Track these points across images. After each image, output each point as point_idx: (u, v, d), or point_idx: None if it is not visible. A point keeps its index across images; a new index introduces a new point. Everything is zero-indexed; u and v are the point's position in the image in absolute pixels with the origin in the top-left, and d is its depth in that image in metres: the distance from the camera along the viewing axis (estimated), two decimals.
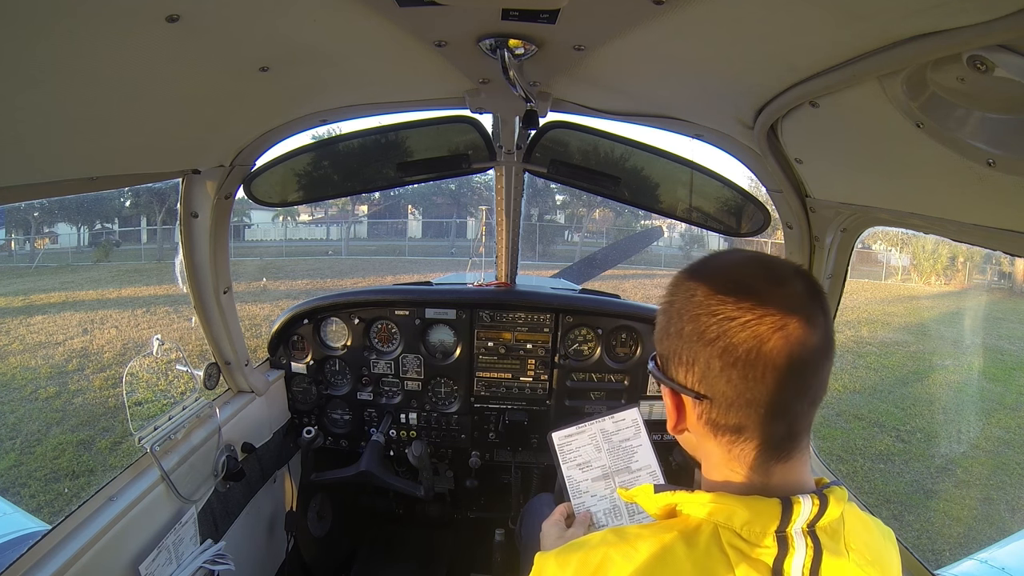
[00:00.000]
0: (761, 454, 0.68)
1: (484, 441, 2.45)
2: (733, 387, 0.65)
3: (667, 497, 0.73)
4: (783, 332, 0.63)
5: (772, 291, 0.66)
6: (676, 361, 0.70)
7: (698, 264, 0.74)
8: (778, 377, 0.64)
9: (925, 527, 5.16)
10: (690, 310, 0.68)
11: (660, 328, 0.74)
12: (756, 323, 0.63)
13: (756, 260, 0.72)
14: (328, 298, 2.38)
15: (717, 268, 0.71)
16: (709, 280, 0.69)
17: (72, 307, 12.36)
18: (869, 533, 0.74)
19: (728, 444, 0.69)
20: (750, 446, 0.68)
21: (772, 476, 0.69)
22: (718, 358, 0.65)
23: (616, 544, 0.69)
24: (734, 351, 0.64)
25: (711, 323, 0.66)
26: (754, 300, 0.64)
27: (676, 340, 0.70)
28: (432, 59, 1.21)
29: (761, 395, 0.65)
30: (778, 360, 0.63)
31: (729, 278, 0.68)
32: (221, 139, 1.54)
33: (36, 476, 5.65)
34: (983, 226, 0.98)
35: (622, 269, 15.35)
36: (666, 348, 0.72)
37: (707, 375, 0.67)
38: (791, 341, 0.63)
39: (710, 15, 0.86)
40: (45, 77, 0.83)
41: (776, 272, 0.68)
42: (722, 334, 0.65)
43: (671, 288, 0.73)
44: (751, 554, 0.65)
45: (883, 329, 12.21)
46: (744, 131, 1.43)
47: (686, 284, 0.71)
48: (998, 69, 0.65)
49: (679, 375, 0.71)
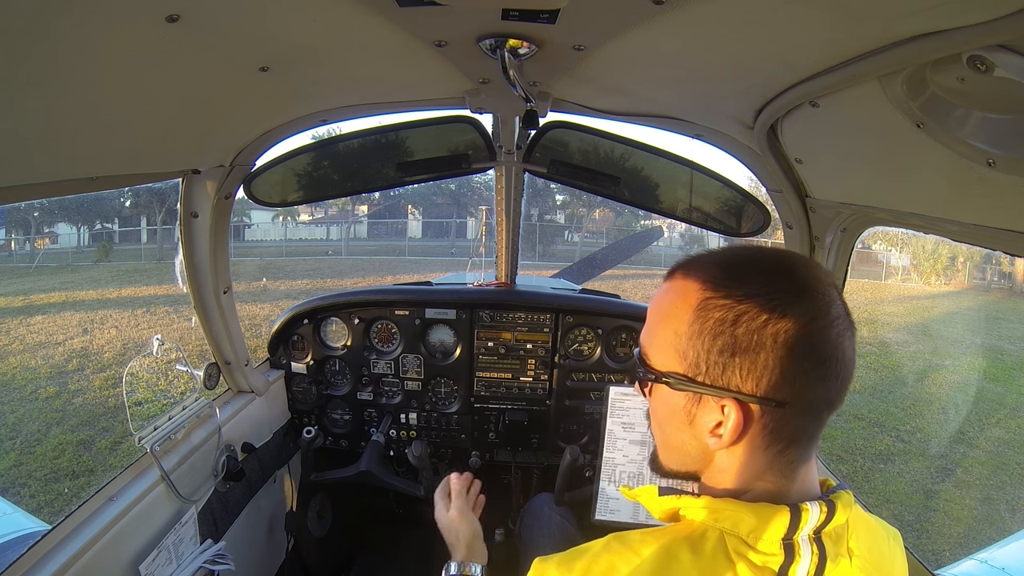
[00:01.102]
0: (799, 457, 0.67)
1: (484, 441, 2.45)
2: (812, 390, 0.63)
3: (671, 501, 0.72)
4: (847, 331, 0.64)
5: (832, 293, 0.65)
6: (741, 367, 0.63)
7: (738, 257, 0.68)
8: (845, 377, 0.64)
9: (925, 527, 5.16)
10: (768, 308, 0.62)
11: (703, 327, 0.64)
12: (836, 323, 0.63)
13: (806, 261, 0.69)
14: (328, 298, 2.38)
15: (770, 262, 0.66)
16: (774, 276, 0.64)
17: (72, 307, 12.36)
18: (873, 536, 0.74)
19: (778, 453, 0.66)
20: (795, 451, 0.67)
21: (796, 480, 0.68)
22: (805, 361, 0.62)
23: (620, 551, 0.68)
24: (817, 352, 0.62)
25: (796, 324, 0.61)
26: (825, 300, 0.64)
27: (745, 341, 0.62)
28: (432, 59, 1.21)
29: (829, 397, 0.64)
30: (847, 359, 0.64)
31: (792, 274, 0.65)
32: (221, 139, 1.54)
33: (36, 476, 5.65)
34: (983, 226, 0.98)
35: (622, 269, 15.35)
36: (718, 351, 0.64)
37: (788, 380, 0.62)
38: (852, 341, 0.65)
39: (710, 15, 0.86)
40: (45, 77, 0.83)
41: (824, 273, 0.68)
42: (810, 334, 0.62)
43: (716, 281, 0.65)
44: (757, 561, 0.64)
45: (883, 329, 12.20)
46: (744, 131, 1.43)
47: (743, 277, 0.64)
48: (998, 69, 0.65)
49: (746, 383, 0.63)
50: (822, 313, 0.63)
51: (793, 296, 0.63)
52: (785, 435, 0.65)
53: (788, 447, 0.66)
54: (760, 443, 0.66)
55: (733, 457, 0.68)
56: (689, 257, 0.72)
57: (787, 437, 0.65)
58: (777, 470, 0.68)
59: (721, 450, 0.68)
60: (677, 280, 0.69)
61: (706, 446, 0.68)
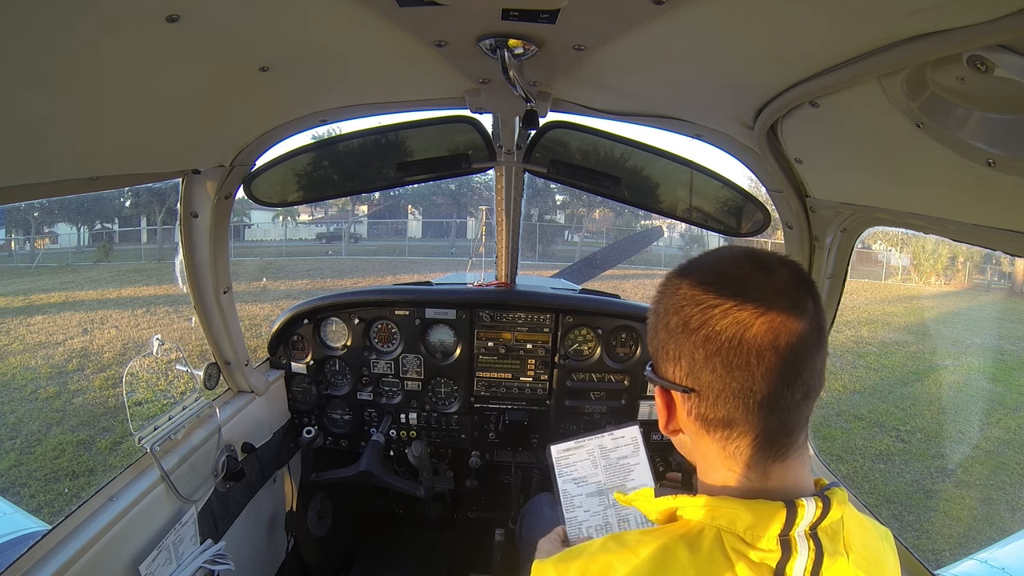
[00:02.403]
0: (757, 451, 0.67)
1: (484, 441, 2.45)
2: (718, 377, 0.64)
3: (668, 501, 0.72)
4: (766, 318, 0.62)
5: (756, 279, 0.65)
6: (664, 356, 0.70)
7: (687, 262, 0.74)
8: (764, 364, 0.63)
9: (925, 527, 5.16)
10: (675, 303, 0.68)
11: (649, 326, 0.74)
12: (738, 309, 0.63)
13: (743, 252, 0.71)
14: (328, 298, 2.38)
15: (704, 262, 0.71)
16: (695, 273, 0.69)
17: (72, 307, 12.36)
18: (867, 535, 0.74)
19: (722, 440, 0.68)
20: (744, 442, 0.67)
21: (770, 477, 0.68)
22: (702, 347, 0.65)
23: (617, 551, 0.68)
24: (716, 339, 0.63)
25: (694, 312, 0.65)
26: (736, 287, 0.64)
27: (663, 335, 0.70)
28: (432, 59, 1.21)
29: (747, 384, 0.64)
30: (762, 346, 0.62)
31: (714, 269, 0.69)
32: (221, 139, 1.54)
33: (36, 476, 5.65)
34: (983, 226, 0.98)
35: (622, 269, 15.35)
36: (655, 345, 0.72)
37: (693, 367, 0.66)
38: (775, 326, 0.62)
39: (710, 15, 0.86)
40: (45, 77, 0.83)
41: (762, 262, 0.68)
42: (704, 323, 0.64)
43: (660, 286, 0.73)
44: (754, 558, 0.64)
45: (883, 329, 12.20)
46: (744, 131, 1.43)
47: (674, 280, 0.71)
48: (998, 69, 0.65)
49: (668, 371, 0.70)
50: (748, 306, 0.63)
51: (721, 288, 0.65)
52: (714, 421, 0.67)
53: (728, 437, 0.67)
54: (696, 428, 0.70)
55: (694, 443, 0.73)
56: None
57: (718, 423, 0.67)
58: (738, 462, 0.68)
59: (682, 435, 0.75)
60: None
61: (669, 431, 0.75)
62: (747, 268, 0.67)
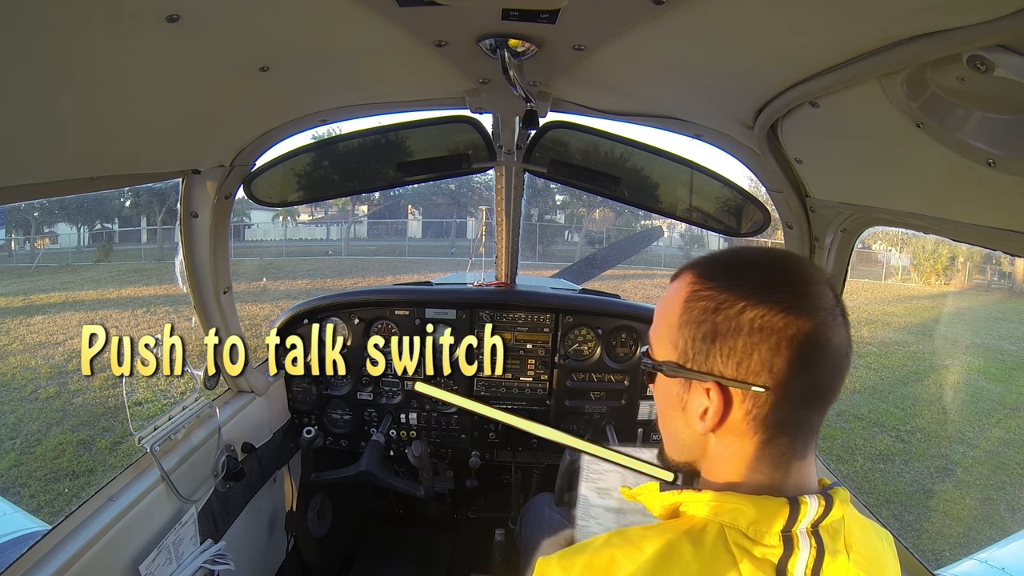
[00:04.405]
0: (790, 450, 0.68)
1: (484, 441, 2.45)
2: (792, 377, 0.64)
3: (672, 496, 0.72)
4: (835, 324, 0.65)
5: (823, 288, 0.67)
6: (721, 352, 0.66)
7: (733, 255, 0.72)
8: (832, 368, 0.65)
9: (925, 527, 5.16)
10: (747, 296, 0.65)
11: (689, 317, 0.68)
12: (818, 314, 0.65)
13: (797, 257, 0.73)
14: (328, 298, 2.38)
15: (761, 258, 0.70)
16: (761, 269, 0.68)
17: (72, 307, 12.36)
18: (868, 535, 0.74)
19: (764, 443, 0.67)
20: (784, 442, 0.67)
21: (791, 474, 0.69)
22: (785, 347, 0.64)
23: (621, 546, 0.68)
24: (799, 339, 0.64)
25: (775, 311, 0.64)
26: (812, 292, 0.66)
27: (724, 327, 0.66)
28: (432, 59, 1.21)
29: (815, 386, 0.65)
30: (834, 351, 0.65)
31: (783, 268, 0.69)
32: (221, 139, 1.54)
33: (36, 476, 5.65)
34: (983, 226, 0.98)
35: (622, 269, 15.34)
36: (701, 337, 0.67)
37: (767, 365, 0.64)
38: (841, 335, 0.66)
39: (710, 15, 0.86)
40: (45, 77, 0.83)
41: (818, 272, 0.71)
42: (790, 322, 0.64)
43: (705, 275, 0.70)
44: (757, 553, 0.65)
45: (883, 329, 12.20)
46: (744, 131, 1.43)
47: (731, 271, 0.69)
48: (998, 69, 0.65)
49: (726, 368, 0.66)
50: (804, 303, 0.64)
51: (774, 285, 0.66)
52: (769, 422, 0.66)
53: (775, 437, 0.67)
54: (745, 430, 0.67)
55: (723, 445, 0.70)
56: (694, 258, 0.76)
57: (772, 425, 0.66)
58: (769, 461, 0.68)
59: (711, 437, 0.70)
60: (676, 279, 0.74)
61: (697, 432, 0.71)
62: (811, 273, 0.69)
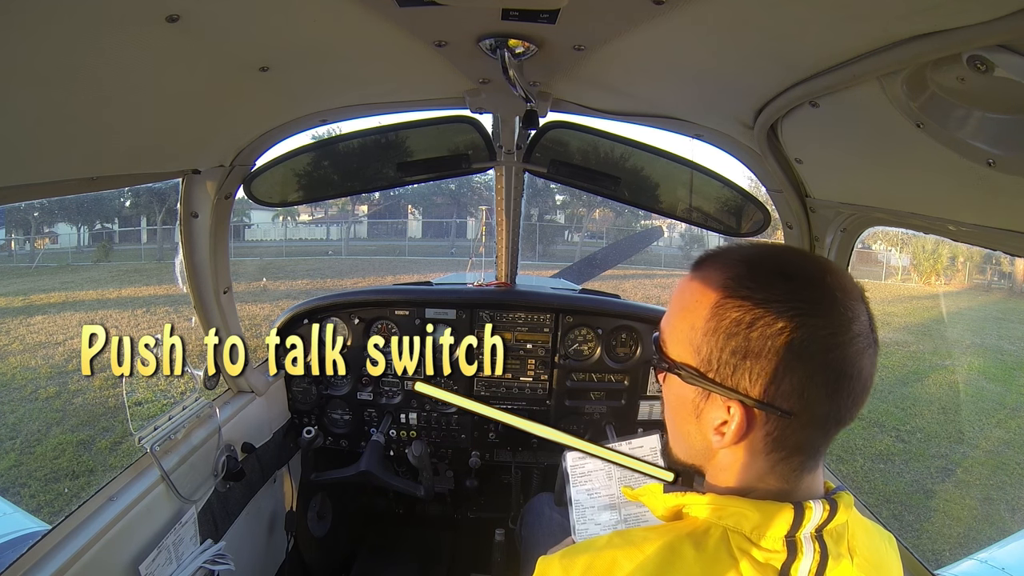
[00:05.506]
0: (801, 467, 0.67)
1: (484, 441, 2.45)
2: (820, 404, 0.62)
3: (676, 498, 0.71)
4: (869, 352, 0.63)
5: (861, 308, 0.64)
6: (751, 371, 0.62)
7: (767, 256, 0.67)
8: (858, 395, 0.63)
9: (925, 527, 5.16)
10: (787, 317, 0.61)
11: (718, 325, 0.64)
12: (856, 341, 0.62)
13: (835, 270, 0.66)
14: (328, 298, 2.38)
15: (799, 269, 0.65)
16: (800, 283, 0.63)
17: (72, 307, 12.35)
18: (871, 539, 0.74)
19: (778, 460, 0.66)
20: (799, 459, 0.66)
21: (800, 485, 0.68)
22: (820, 375, 0.61)
23: (623, 547, 0.68)
24: (834, 368, 0.61)
25: (816, 338, 0.60)
26: (849, 315, 0.62)
27: (758, 346, 0.61)
28: (432, 59, 1.21)
29: (839, 413, 0.63)
30: (867, 378, 0.63)
31: (822, 283, 0.63)
32: (221, 139, 1.54)
33: (36, 476, 5.65)
34: (983, 226, 0.98)
35: (622, 269, 15.34)
36: (731, 351, 0.63)
37: (798, 391, 0.61)
38: (872, 362, 0.63)
39: (710, 15, 0.86)
40: (45, 77, 0.83)
41: (854, 286, 0.66)
42: (830, 350, 0.61)
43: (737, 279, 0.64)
44: (760, 558, 0.64)
45: (883, 329, 12.06)
46: (744, 131, 1.43)
47: (769, 279, 0.63)
48: (998, 69, 0.65)
49: (754, 388, 0.63)
50: (843, 328, 0.61)
51: (814, 306, 0.61)
52: (788, 445, 0.65)
53: (791, 456, 0.66)
54: (761, 448, 0.66)
55: (735, 457, 0.68)
56: (717, 250, 0.71)
57: (790, 447, 0.65)
58: (780, 475, 0.67)
59: (723, 449, 0.68)
60: (701, 273, 0.69)
61: (709, 442, 0.68)
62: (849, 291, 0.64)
